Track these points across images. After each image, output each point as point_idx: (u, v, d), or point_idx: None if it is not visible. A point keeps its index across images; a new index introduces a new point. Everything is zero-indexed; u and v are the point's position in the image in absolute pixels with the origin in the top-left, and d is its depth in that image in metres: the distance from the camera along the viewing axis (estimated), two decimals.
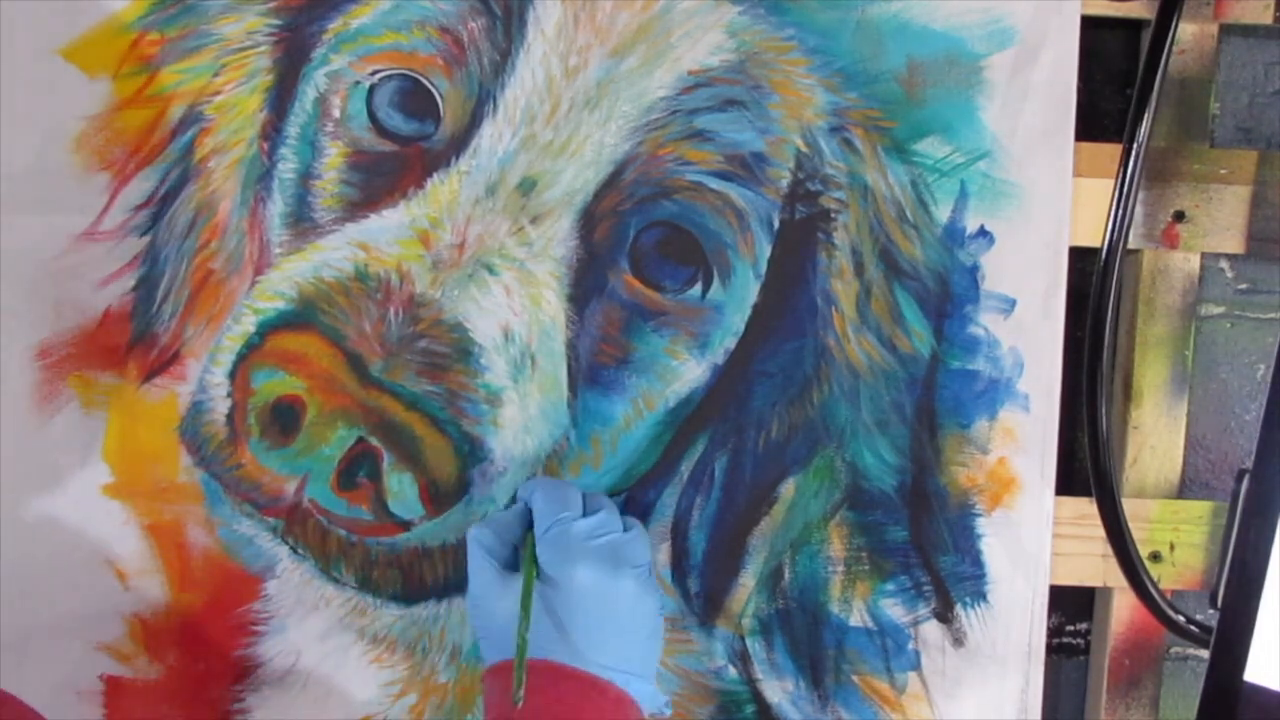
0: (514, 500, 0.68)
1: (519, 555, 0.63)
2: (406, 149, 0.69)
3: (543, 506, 0.63)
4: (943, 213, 0.71)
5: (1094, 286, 0.70)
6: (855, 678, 0.73)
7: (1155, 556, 0.74)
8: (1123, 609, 0.75)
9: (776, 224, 0.70)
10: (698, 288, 0.70)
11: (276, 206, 0.70)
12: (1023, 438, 0.72)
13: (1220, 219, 0.73)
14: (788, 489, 0.72)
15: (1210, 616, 0.67)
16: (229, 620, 0.72)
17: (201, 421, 0.71)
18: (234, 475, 0.71)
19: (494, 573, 0.62)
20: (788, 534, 0.72)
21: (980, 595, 0.73)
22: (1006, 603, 0.73)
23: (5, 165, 0.70)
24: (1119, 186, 0.69)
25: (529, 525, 0.63)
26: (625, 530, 0.63)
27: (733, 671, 0.73)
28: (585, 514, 0.63)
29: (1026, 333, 0.71)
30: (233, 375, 0.70)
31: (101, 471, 0.71)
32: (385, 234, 0.69)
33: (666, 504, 0.72)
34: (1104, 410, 0.70)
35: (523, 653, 0.58)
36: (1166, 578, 0.74)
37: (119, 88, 0.70)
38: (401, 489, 0.69)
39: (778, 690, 0.73)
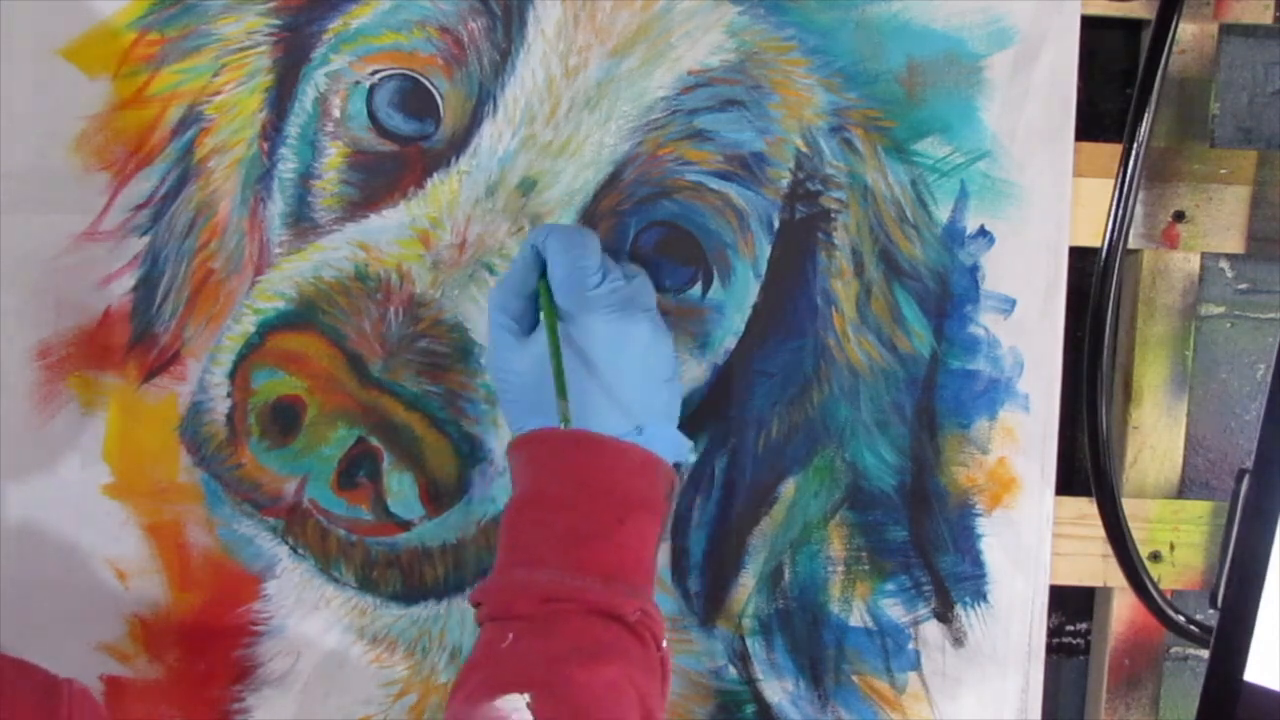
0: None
1: (533, 305, 0.62)
2: (406, 149, 0.69)
3: (559, 251, 0.62)
4: (943, 213, 0.71)
5: (1094, 286, 0.70)
6: (855, 678, 0.73)
7: (1155, 556, 0.74)
8: (1123, 609, 0.75)
9: (776, 224, 0.70)
10: (698, 288, 0.70)
11: (276, 206, 0.70)
12: (1023, 438, 0.72)
13: (1220, 219, 0.73)
14: (788, 489, 0.72)
15: (1210, 616, 0.67)
16: (229, 620, 0.72)
17: (201, 421, 0.71)
18: (234, 475, 0.71)
19: (511, 334, 0.62)
20: (788, 534, 0.72)
21: (980, 595, 0.73)
22: (1006, 602, 0.73)
23: (5, 165, 0.70)
24: (1119, 186, 0.69)
25: (542, 271, 0.63)
26: (629, 279, 0.63)
27: (733, 671, 0.73)
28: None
29: (1026, 333, 0.71)
30: (233, 375, 0.70)
31: (101, 471, 0.71)
32: (385, 234, 0.69)
33: None
34: (1104, 410, 0.70)
35: (561, 377, 0.58)
36: (1166, 578, 0.74)
37: (119, 88, 0.70)
38: (401, 489, 0.69)
39: (778, 690, 0.73)
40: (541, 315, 0.61)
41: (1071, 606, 0.78)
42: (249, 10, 0.70)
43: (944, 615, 0.73)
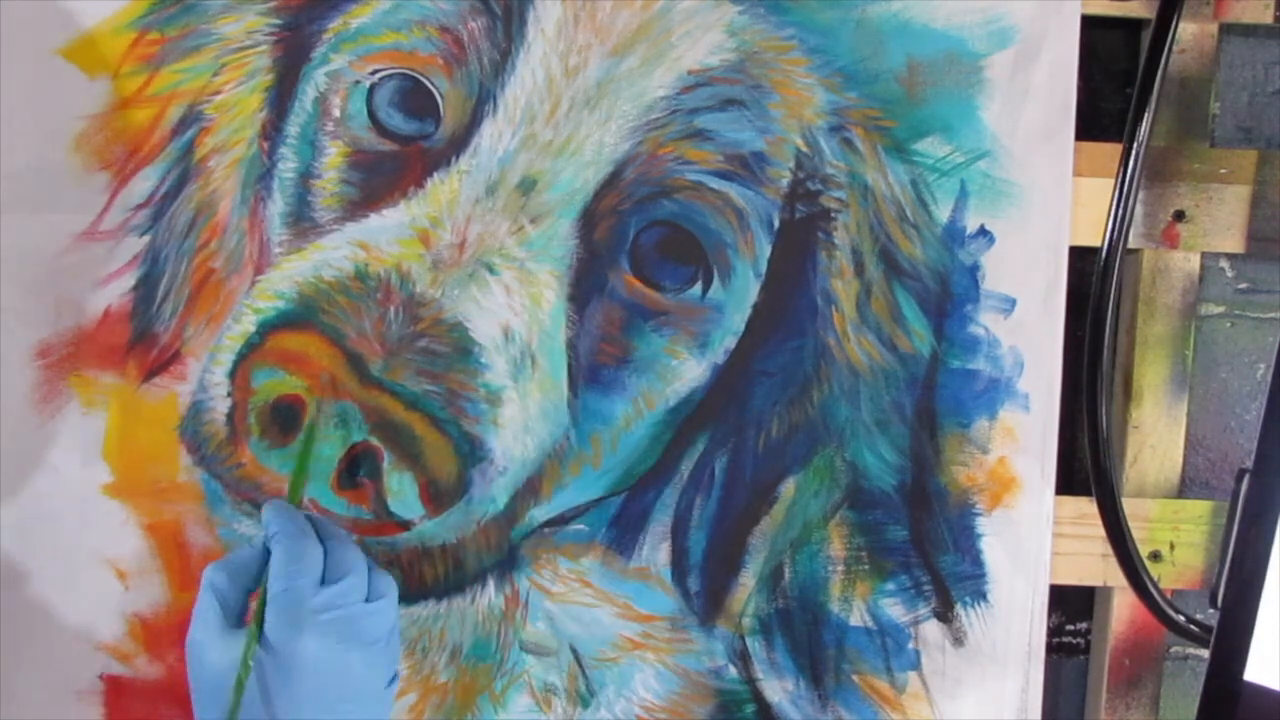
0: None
1: (248, 603, 0.59)
2: (406, 148, 0.69)
3: (280, 563, 0.58)
4: (943, 212, 0.71)
5: (1094, 286, 0.70)
6: (855, 677, 0.73)
7: (1155, 556, 0.74)
8: (1123, 608, 0.75)
9: (776, 223, 0.70)
10: (698, 287, 0.70)
11: (276, 206, 0.70)
12: (1023, 437, 0.72)
13: (1220, 218, 0.73)
14: (788, 488, 0.72)
15: (1210, 616, 0.67)
16: None
17: (201, 421, 0.71)
18: (234, 475, 0.70)
19: (218, 625, 0.57)
20: (788, 533, 0.72)
21: (980, 595, 0.73)
22: (1006, 602, 0.73)
23: (5, 165, 0.70)
24: (1119, 186, 0.69)
25: (266, 564, 0.59)
26: (370, 599, 0.59)
27: (733, 671, 0.73)
28: (327, 580, 0.58)
29: (1026, 332, 0.71)
30: (233, 375, 0.70)
31: (101, 471, 0.71)
32: (385, 233, 0.69)
33: (666, 503, 0.72)
34: (1104, 410, 0.70)
35: (235, 712, 0.55)
36: (1166, 577, 0.74)
37: (119, 87, 0.70)
38: (401, 488, 0.69)
39: (778, 690, 0.73)
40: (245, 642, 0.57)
41: (1071, 606, 0.78)
42: (249, 10, 0.70)
43: (944, 615, 0.73)
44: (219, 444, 0.70)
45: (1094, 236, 0.70)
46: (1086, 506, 0.73)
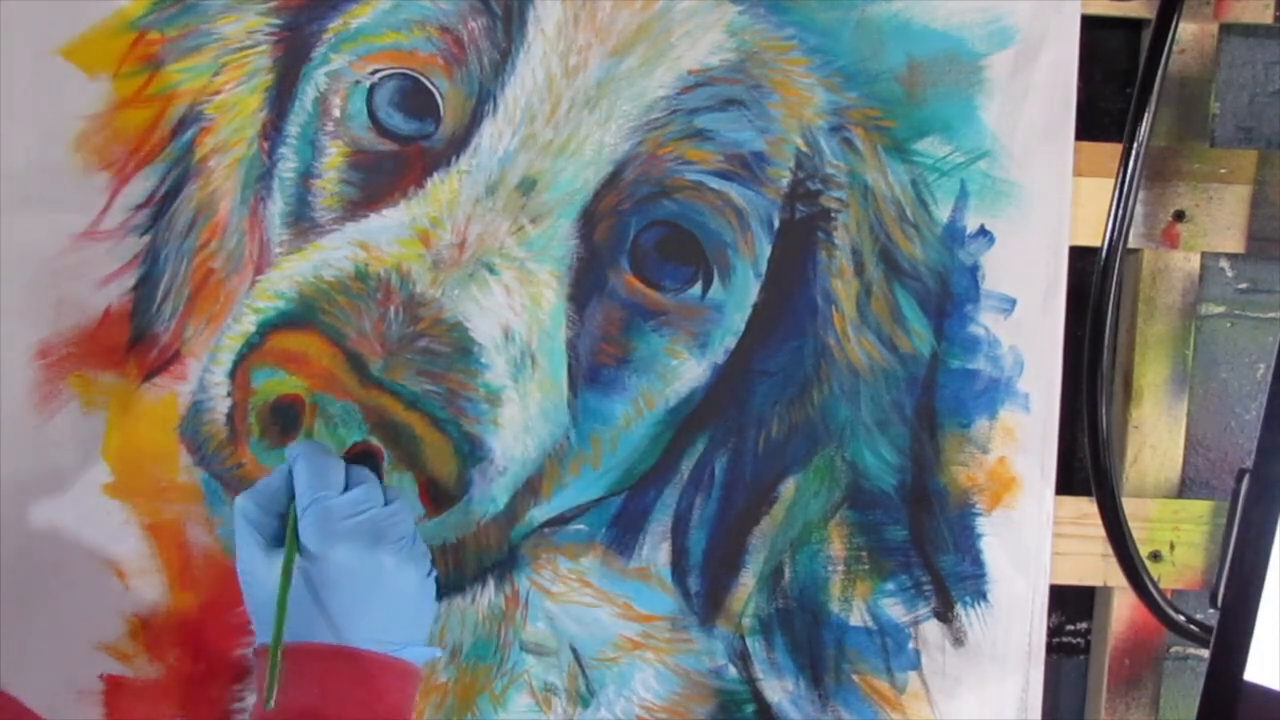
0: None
1: (281, 524, 0.62)
2: (407, 148, 0.69)
3: (304, 481, 0.62)
4: (943, 212, 0.71)
5: (1094, 286, 0.70)
6: (855, 677, 0.73)
7: (1155, 556, 0.74)
8: (1123, 608, 0.75)
9: (776, 223, 0.70)
10: (698, 287, 0.70)
11: (277, 206, 0.70)
12: (1023, 437, 0.72)
13: (1220, 218, 0.73)
14: (788, 488, 0.72)
15: (1210, 616, 0.67)
16: (229, 620, 0.72)
17: (201, 421, 0.71)
18: (234, 475, 0.70)
19: (259, 547, 0.61)
20: (788, 533, 0.72)
21: (980, 595, 0.73)
22: (1006, 602, 0.73)
23: (5, 165, 0.70)
24: (1119, 186, 0.69)
25: (293, 494, 0.62)
26: (386, 504, 0.63)
27: (733, 671, 0.73)
28: (346, 488, 0.62)
29: (1026, 332, 0.71)
30: (233, 374, 0.70)
31: (101, 471, 0.71)
32: (385, 233, 0.69)
33: (666, 503, 0.72)
34: (1104, 410, 0.70)
35: (277, 646, 0.58)
36: (1166, 577, 0.74)
37: (119, 87, 0.70)
38: (401, 488, 0.69)
39: (778, 690, 0.73)
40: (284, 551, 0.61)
41: (1071, 606, 0.78)
42: (249, 9, 0.70)
43: (944, 615, 0.73)
44: (219, 444, 0.70)
45: (1094, 236, 0.70)
46: (1086, 506, 0.73)
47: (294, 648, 0.59)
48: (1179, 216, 0.73)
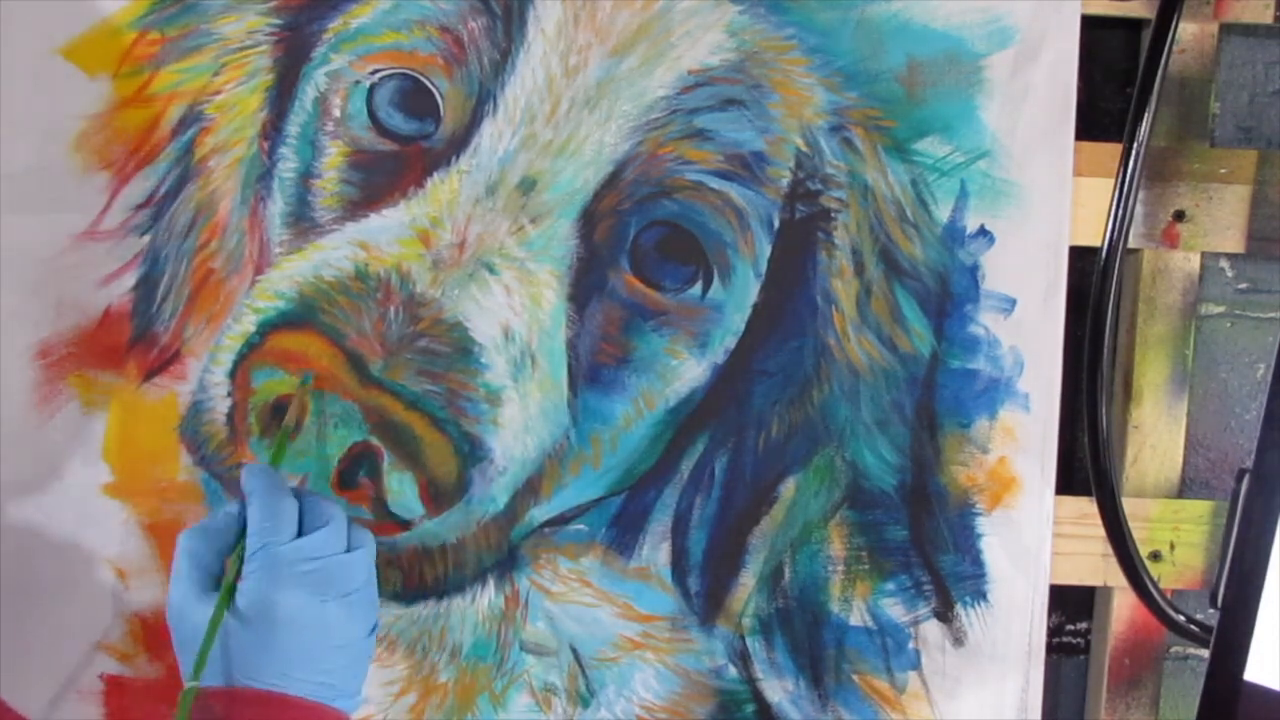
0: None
1: (223, 565, 0.60)
2: (407, 148, 0.69)
3: (257, 520, 0.60)
4: (943, 212, 0.71)
5: (1094, 286, 0.70)
6: (855, 677, 0.73)
7: (1155, 556, 0.74)
8: (1123, 608, 0.75)
9: (776, 223, 0.70)
10: (698, 287, 0.70)
11: (276, 206, 0.70)
12: (1023, 437, 0.72)
13: (1220, 218, 0.73)
14: (788, 488, 0.72)
15: (1210, 616, 0.67)
16: None
17: (201, 421, 0.71)
18: (234, 475, 0.70)
19: (194, 586, 0.59)
20: (788, 533, 0.72)
21: (980, 594, 0.73)
22: (1006, 602, 0.73)
23: (5, 165, 0.70)
24: (1119, 186, 0.69)
25: (242, 530, 0.60)
26: (349, 549, 0.61)
27: (733, 671, 0.73)
28: (303, 531, 0.60)
29: (1026, 332, 0.71)
30: (233, 374, 0.70)
31: (101, 471, 0.71)
32: (385, 233, 0.69)
33: (667, 503, 0.72)
34: (1104, 410, 0.70)
35: (188, 698, 0.56)
36: (1166, 577, 0.74)
37: (119, 87, 0.70)
38: (401, 488, 0.69)
39: (778, 690, 0.73)
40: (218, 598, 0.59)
41: (1071, 606, 0.78)
42: (249, 9, 0.70)
43: (944, 615, 0.73)
44: (219, 444, 0.70)
45: (1094, 236, 0.70)
46: (1086, 506, 0.73)
47: (224, 692, 0.58)
48: (1179, 216, 0.73)
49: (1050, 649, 0.76)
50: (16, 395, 0.71)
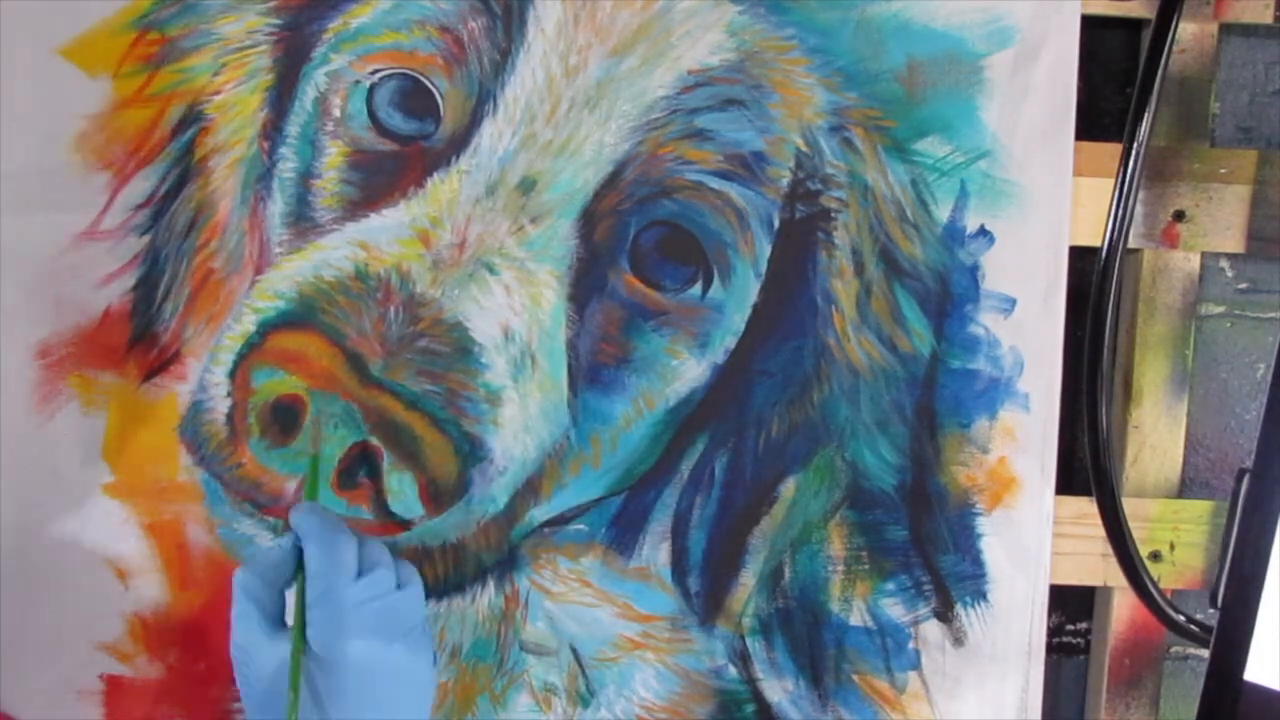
0: (287, 527, 0.63)
1: (284, 600, 0.59)
2: (407, 148, 0.69)
3: (316, 563, 0.58)
4: (943, 212, 0.71)
5: (1094, 286, 0.70)
6: (855, 677, 0.73)
7: (1155, 556, 0.74)
8: (1123, 608, 0.75)
9: (776, 223, 0.70)
10: (698, 287, 0.70)
11: (276, 206, 0.70)
12: (1023, 437, 0.72)
13: (1220, 218, 0.73)
14: (788, 488, 0.72)
15: (1210, 616, 0.67)
16: (229, 620, 0.72)
17: (201, 421, 0.71)
18: (234, 475, 0.70)
19: (260, 626, 0.58)
20: (788, 533, 0.72)
21: (980, 594, 0.73)
22: (1006, 602, 0.73)
23: (5, 165, 0.70)
24: (1119, 186, 0.69)
25: (298, 564, 0.59)
26: (400, 586, 0.60)
27: (733, 671, 0.73)
28: (360, 570, 0.59)
29: (1026, 332, 0.71)
30: (233, 374, 0.70)
31: (101, 471, 0.71)
32: (385, 233, 0.69)
33: (666, 503, 0.72)
34: (1104, 410, 0.70)
35: (294, 711, 0.56)
36: (1166, 577, 0.74)
37: (119, 87, 0.70)
38: (401, 488, 0.69)
39: (778, 689, 0.73)
40: (290, 625, 0.58)
41: (1071, 606, 0.78)
42: (249, 9, 0.70)
43: (944, 615, 0.73)
44: (219, 444, 0.70)
45: (1094, 236, 0.70)
46: (1086, 506, 0.73)
47: None
48: (1179, 216, 0.73)
49: (1050, 649, 0.76)
50: (16, 395, 0.71)
